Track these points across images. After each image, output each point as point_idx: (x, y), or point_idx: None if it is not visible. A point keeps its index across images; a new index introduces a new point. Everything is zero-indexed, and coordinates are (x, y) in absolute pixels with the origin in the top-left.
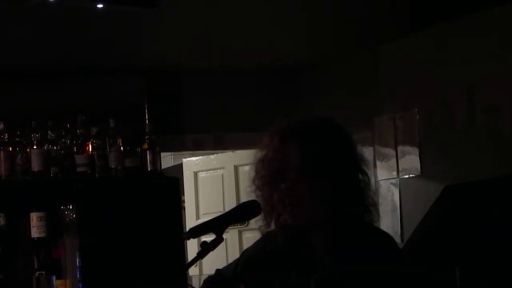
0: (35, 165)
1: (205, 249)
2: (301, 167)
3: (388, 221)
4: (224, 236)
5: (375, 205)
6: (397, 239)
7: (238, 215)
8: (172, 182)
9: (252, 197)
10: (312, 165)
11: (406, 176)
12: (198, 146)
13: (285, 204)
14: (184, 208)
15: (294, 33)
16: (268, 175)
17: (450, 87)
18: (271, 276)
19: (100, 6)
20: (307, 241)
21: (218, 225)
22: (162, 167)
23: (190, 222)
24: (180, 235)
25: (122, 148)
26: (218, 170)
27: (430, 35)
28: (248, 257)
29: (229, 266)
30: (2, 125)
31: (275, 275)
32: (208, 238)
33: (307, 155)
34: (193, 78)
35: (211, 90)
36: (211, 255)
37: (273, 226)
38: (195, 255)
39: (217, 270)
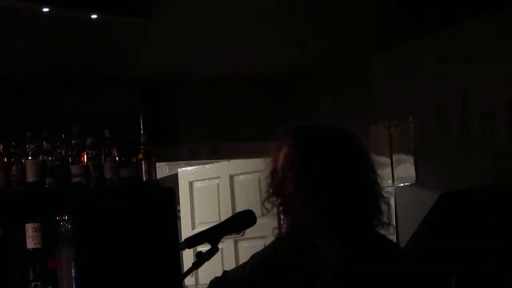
0: (30, 176)
1: (201, 259)
2: (287, 171)
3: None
4: (220, 245)
5: (380, 210)
6: None
7: (233, 225)
8: (168, 192)
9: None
10: (298, 170)
11: (402, 185)
12: (193, 156)
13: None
14: (180, 218)
15: (289, 42)
16: (268, 177)
17: (445, 95)
18: (276, 283)
19: (94, 16)
20: (313, 248)
21: (213, 235)
22: (158, 177)
23: (186, 231)
24: (176, 245)
25: (117, 158)
26: (214, 180)
27: (425, 44)
28: (255, 262)
29: (236, 269)
30: None
31: (280, 282)
32: (204, 248)
33: (294, 158)
34: (188, 87)
35: (206, 100)
36: (206, 265)
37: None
38: (190, 265)
39: (225, 272)
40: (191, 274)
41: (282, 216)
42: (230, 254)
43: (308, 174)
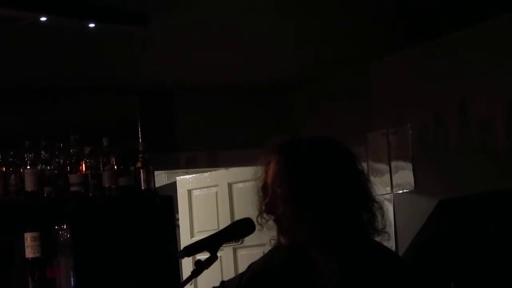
0: (29, 185)
1: (200, 267)
2: (277, 188)
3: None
4: (219, 253)
5: (374, 218)
6: None
7: (232, 233)
8: (166, 201)
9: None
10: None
11: (400, 192)
12: (191, 164)
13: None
14: (178, 226)
15: (287, 50)
16: (259, 191)
17: (443, 101)
18: None
19: (92, 25)
20: (310, 260)
21: (212, 243)
22: (156, 186)
23: (185, 240)
24: (175, 254)
25: (115, 167)
26: (212, 188)
27: (423, 50)
28: (252, 272)
29: (234, 279)
30: None
31: None
32: (203, 256)
33: (283, 176)
34: (187, 95)
35: (205, 108)
36: (205, 274)
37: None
38: (189, 273)
39: (222, 282)
40: (190, 282)
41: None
42: (229, 262)
43: (298, 192)
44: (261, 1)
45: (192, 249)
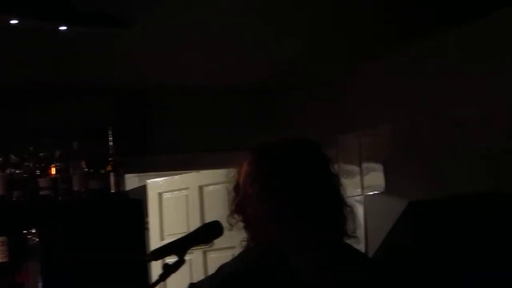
0: None
1: (167, 271)
2: (248, 189)
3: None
4: (189, 256)
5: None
6: None
7: (200, 236)
8: (136, 204)
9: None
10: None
11: (371, 193)
12: (165, 167)
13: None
14: (148, 229)
15: (262, 52)
16: (232, 191)
17: (416, 103)
18: None
19: (64, 28)
20: (282, 262)
21: (180, 246)
22: (128, 189)
23: (155, 243)
24: (144, 257)
25: (86, 170)
26: (183, 191)
27: (396, 52)
28: (223, 274)
29: (203, 282)
30: None
31: None
32: (171, 259)
33: (254, 177)
34: (160, 98)
35: (178, 110)
36: (175, 277)
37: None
38: (157, 277)
39: (191, 285)
40: (158, 286)
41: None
42: (199, 265)
43: (269, 192)
44: (238, 5)
45: (160, 253)
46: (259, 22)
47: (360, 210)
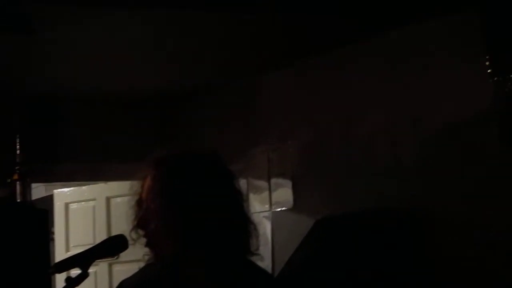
0: None
1: (70, 284)
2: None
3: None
4: (94, 269)
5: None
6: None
7: (104, 249)
8: (41, 214)
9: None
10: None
11: (279, 209)
12: (72, 177)
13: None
14: (54, 241)
15: (172, 61)
16: (134, 205)
17: (326, 120)
18: None
19: None
20: (183, 276)
21: (83, 259)
22: (34, 198)
23: (60, 254)
24: (47, 270)
25: None
26: (90, 202)
27: (308, 67)
28: None
29: None
30: None
31: None
32: (75, 272)
33: (157, 192)
34: (69, 106)
35: (87, 119)
36: None
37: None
38: None
39: None
40: None
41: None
42: (104, 278)
43: (170, 208)
44: (143, 14)
45: (63, 266)
46: (165, 32)
47: (267, 226)
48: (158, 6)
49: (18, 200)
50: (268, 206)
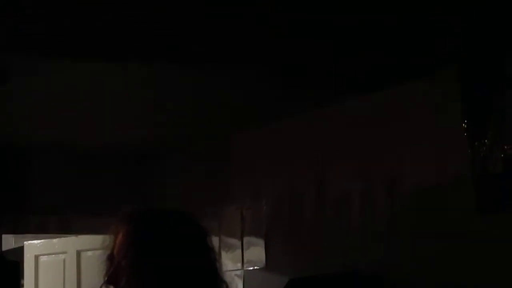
0: None
1: None
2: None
3: None
4: (63, 256)
5: None
6: None
7: None
8: (12, 266)
9: None
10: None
11: (251, 268)
12: (42, 229)
13: None
14: None
15: (145, 117)
16: (105, 261)
17: (300, 179)
18: None
19: None
20: None
21: None
22: (3, 249)
23: None
24: None
25: None
26: (60, 255)
27: (281, 126)
28: None
29: None
30: None
31: None
32: None
33: (128, 248)
34: (40, 157)
35: (59, 171)
36: None
37: None
38: None
39: None
40: None
41: None
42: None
43: (142, 266)
44: (117, 68)
45: None
46: (139, 86)
47: (239, 285)
48: (133, 60)
49: None
50: (240, 264)
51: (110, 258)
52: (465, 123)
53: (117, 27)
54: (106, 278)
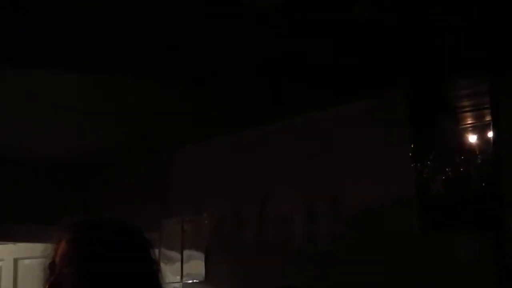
0: None
1: None
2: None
3: None
4: None
5: None
6: None
7: None
8: None
9: None
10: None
11: (190, 281)
12: None
13: None
14: None
15: (90, 128)
16: (46, 269)
17: (242, 194)
18: None
19: None
20: None
21: None
22: None
23: None
24: None
25: None
26: None
27: (225, 142)
28: None
29: None
30: None
31: None
32: None
33: (71, 257)
34: None
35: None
36: None
37: None
38: None
39: None
40: None
41: None
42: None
43: (85, 274)
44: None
45: None
46: (82, 98)
47: None
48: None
49: None
50: (179, 277)
51: (52, 267)
52: (410, 144)
53: (53, 36)
54: (47, 287)
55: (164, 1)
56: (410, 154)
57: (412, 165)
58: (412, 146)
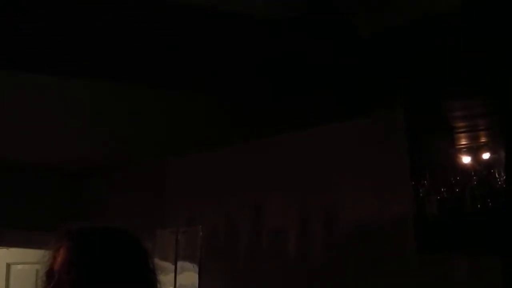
0: None
1: None
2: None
3: None
4: None
5: None
6: None
7: None
8: None
9: None
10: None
11: None
12: None
13: None
14: None
15: (86, 135)
16: (44, 276)
17: (237, 206)
18: None
19: None
20: None
21: None
22: None
23: None
24: None
25: None
26: None
27: (221, 153)
28: None
29: None
30: None
31: None
32: None
33: (72, 264)
34: None
35: None
36: None
37: None
38: None
39: None
40: None
41: None
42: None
43: (85, 281)
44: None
45: None
46: (79, 105)
47: None
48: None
49: None
50: None
51: (50, 274)
52: (408, 164)
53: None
54: None
55: (164, 1)
56: (409, 173)
57: (410, 184)
58: (410, 165)
